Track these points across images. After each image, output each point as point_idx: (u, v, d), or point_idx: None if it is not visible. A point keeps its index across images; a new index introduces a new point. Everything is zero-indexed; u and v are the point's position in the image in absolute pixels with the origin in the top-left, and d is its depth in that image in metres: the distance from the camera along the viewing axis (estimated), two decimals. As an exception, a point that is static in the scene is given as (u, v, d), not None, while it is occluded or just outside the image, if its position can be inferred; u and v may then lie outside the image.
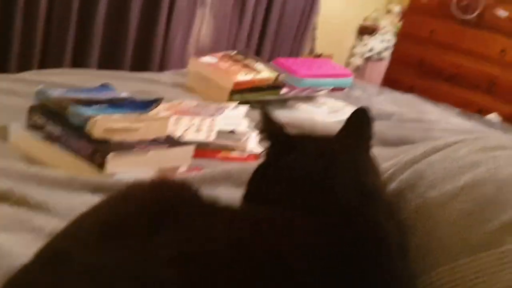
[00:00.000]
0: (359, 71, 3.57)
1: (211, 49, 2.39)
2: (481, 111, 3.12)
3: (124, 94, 1.08)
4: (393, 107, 1.60)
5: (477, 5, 3.10)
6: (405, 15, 3.46)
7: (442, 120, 1.56)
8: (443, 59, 3.29)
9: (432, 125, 1.43)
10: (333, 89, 1.69)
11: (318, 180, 0.59)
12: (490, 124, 1.65)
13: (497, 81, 3.12)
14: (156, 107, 1.03)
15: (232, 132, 1.16)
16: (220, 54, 1.65)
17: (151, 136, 0.95)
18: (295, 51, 2.91)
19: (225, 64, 1.55)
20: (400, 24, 3.50)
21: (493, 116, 3.00)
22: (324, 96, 1.71)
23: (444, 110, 1.72)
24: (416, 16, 3.37)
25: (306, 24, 2.93)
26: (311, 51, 3.12)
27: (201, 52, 2.29)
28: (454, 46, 3.24)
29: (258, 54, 2.69)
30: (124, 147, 0.90)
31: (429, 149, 0.78)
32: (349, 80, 1.77)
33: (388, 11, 3.67)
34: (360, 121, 0.67)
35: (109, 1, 2.01)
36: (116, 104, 0.99)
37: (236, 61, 1.59)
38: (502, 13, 3.08)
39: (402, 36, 3.44)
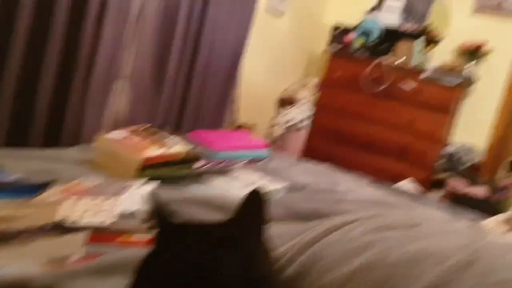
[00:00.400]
0: (280, 141, 3.66)
1: (129, 122, 2.33)
2: (396, 177, 3.28)
3: (13, 177, 1.00)
4: (308, 178, 1.63)
5: (384, 79, 3.34)
6: (321, 88, 3.65)
7: (354, 190, 1.60)
8: (357, 128, 3.47)
9: (344, 196, 1.45)
10: (250, 161, 1.69)
11: (203, 272, 0.55)
12: (399, 192, 1.71)
13: (408, 148, 3.32)
14: (46, 190, 0.96)
15: (134, 212, 1.10)
16: (130, 128, 1.61)
17: (39, 223, 0.87)
18: (216, 123, 2.93)
19: (134, 139, 1.51)
20: (316, 96, 3.67)
21: (406, 182, 3.15)
22: (240, 169, 1.70)
23: (356, 179, 1.77)
24: (331, 89, 3.57)
25: (227, 96, 2.98)
26: (233, 123, 3.16)
27: (117, 126, 2.23)
28: (367, 116, 3.43)
29: (178, 126, 2.67)
30: (5, 237, 0.81)
31: (328, 228, 0.78)
32: (266, 151, 1.79)
33: (305, 84, 3.86)
34: (254, 204, 0.66)
35: (18, 70, 1.92)
36: (0, 189, 0.91)
37: (146, 135, 1.55)
38: (408, 86, 3.33)
39: (319, 107, 3.61)
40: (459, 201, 2.74)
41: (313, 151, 3.62)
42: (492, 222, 1.33)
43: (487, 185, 3.28)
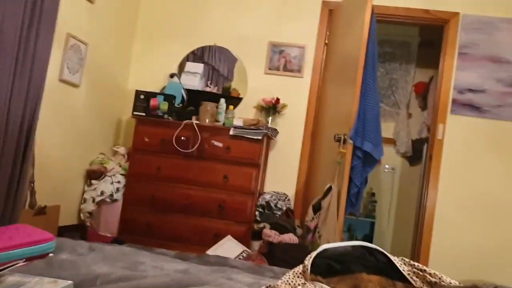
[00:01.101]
0: (93, 217, 3.39)
1: None
2: (217, 235, 3.28)
3: None
4: (103, 267, 1.47)
5: (194, 140, 3.38)
6: (131, 155, 3.52)
7: (157, 267, 1.49)
8: (174, 192, 3.41)
9: (140, 279, 1.34)
10: (30, 259, 1.47)
11: None
12: (204, 261, 1.65)
13: (226, 204, 3.36)
14: None
15: None
16: None
17: None
18: (9, 208, 2.57)
19: None
20: (127, 164, 3.53)
21: (226, 240, 3.17)
22: (8, 273, 1.46)
23: (159, 255, 1.66)
24: (142, 155, 3.47)
25: (21, 177, 2.65)
26: (32, 205, 2.81)
27: None
28: (182, 178, 3.41)
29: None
30: None
31: None
32: (51, 244, 1.58)
33: (115, 153, 3.69)
34: None
35: None
36: None
37: None
38: (217, 143, 3.41)
39: (132, 175, 3.47)
40: (275, 249, 2.85)
41: (130, 223, 3.43)
42: (291, 275, 1.35)
43: (302, 228, 3.50)
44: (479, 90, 3.57)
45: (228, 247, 3.13)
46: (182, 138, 3.41)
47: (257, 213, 3.45)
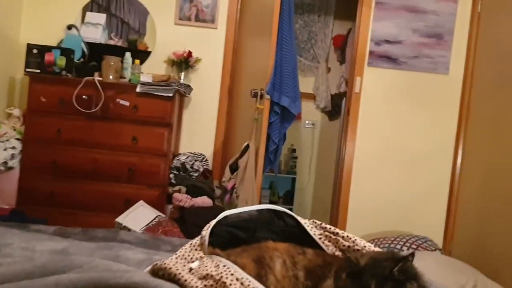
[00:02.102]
0: (-17, 189, 3.00)
1: None
2: (128, 201, 3.04)
3: None
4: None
5: (97, 99, 3.05)
6: (27, 117, 3.14)
7: (25, 250, 1.24)
8: (77, 157, 3.09)
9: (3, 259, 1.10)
10: None
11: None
12: (90, 237, 1.42)
13: (136, 168, 3.11)
14: None
15: None
16: None
17: None
18: None
19: None
20: (23, 128, 3.14)
21: (138, 205, 2.95)
22: None
23: (34, 234, 1.40)
24: (39, 117, 3.09)
25: None
26: None
27: None
28: (86, 141, 3.09)
29: None
30: None
31: None
32: None
33: (8, 115, 3.27)
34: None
35: None
36: None
37: None
38: (123, 102, 3.11)
39: (29, 140, 3.09)
40: (186, 214, 2.68)
41: (30, 192, 3.09)
42: (187, 249, 1.17)
43: (220, 189, 3.35)
44: (395, 41, 3.52)
45: (140, 213, 2.91)
46: (84, 97, 3.06)
47: (171, 175, 3.23)
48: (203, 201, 2.70)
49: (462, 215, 3.44)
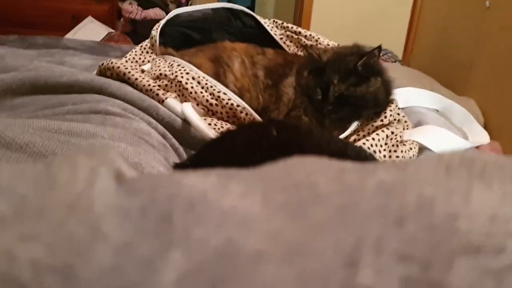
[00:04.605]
0: None
1: None
2: (76, 17, 2.81)
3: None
4: None
5: None
6: None
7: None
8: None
9: None
10: None
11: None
12: (29, 43, 1.28)
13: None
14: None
15: None
16: None
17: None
18: None
19: None
20: None
21: (87, 22, 2.74)
22: None
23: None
24: None
25: None
26: None
27: None
28: None
29: None
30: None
31: None
32: None
33: None
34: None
35: None
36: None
37: None
38: None
39: None
40: (138, 27, 2.52)
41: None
42: (138, 51, 1.07)
43: (175, 3, 3.11)
44: None
45: (90, 30, 2.72)
46: None
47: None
48: (156, 13, 2.51)
49: (423, 27, 3.41)
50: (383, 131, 0.87)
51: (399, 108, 0.98)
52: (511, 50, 2.35)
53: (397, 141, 0.86)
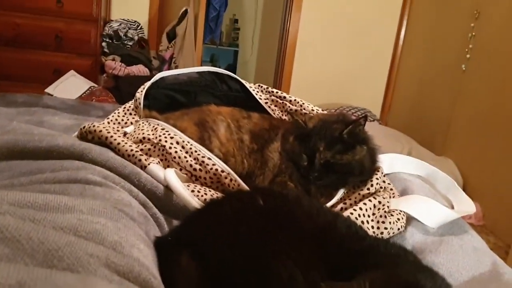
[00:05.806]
0: None
1: None
2: (58, 71, 2.81)
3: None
4: None
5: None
6: None
7: None
8: (-6, 21, 2.75)
9: None
10: None
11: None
12: (8, 101, 1.25)
13: (64, 35, 2.83)
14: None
15: None
16: None
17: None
18: None
19: None
20: None
21: (69, 76, 2.73)
22: None
23: None
24: None
25: None
26: None
27: None
28: (3, 4, 2.73)
29: None
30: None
31: None
32: None
33: None
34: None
35: None
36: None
37: None
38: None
39: None
40: (121, 83, 2.51)
41: None
42: (121, 112, 1.05)
43: (158, 60, 3.15)
44: None
45: (72, 84, 2.71)
46: None
47: (104, 44, 2.97)
48: (139, 69, 2.52)
49: (401, 87, 3.51)
50: (370, 200, 0.85)
51: (384, 175, 0.97)
52: (488, 112, 2.42)
53: (385, 211, 0.84)
